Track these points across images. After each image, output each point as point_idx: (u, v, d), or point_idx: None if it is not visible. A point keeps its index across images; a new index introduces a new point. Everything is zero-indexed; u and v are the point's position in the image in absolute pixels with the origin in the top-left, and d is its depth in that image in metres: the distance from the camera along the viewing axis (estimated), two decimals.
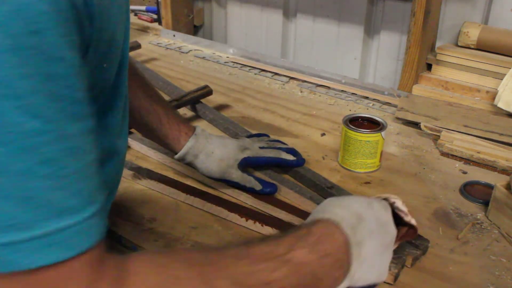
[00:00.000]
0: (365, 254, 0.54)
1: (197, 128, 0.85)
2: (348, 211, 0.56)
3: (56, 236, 0.38)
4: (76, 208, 0.40)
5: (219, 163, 0.83)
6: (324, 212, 0.56)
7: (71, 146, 0.39)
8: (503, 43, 1.15)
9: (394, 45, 1.38)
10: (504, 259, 0.73)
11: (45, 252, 0.38)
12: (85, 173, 0.41)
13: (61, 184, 0.39)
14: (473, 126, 1.04)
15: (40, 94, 0.37)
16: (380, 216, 0.58)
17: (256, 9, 1.59)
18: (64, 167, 0.39)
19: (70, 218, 0.39)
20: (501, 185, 0.79)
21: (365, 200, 0.59)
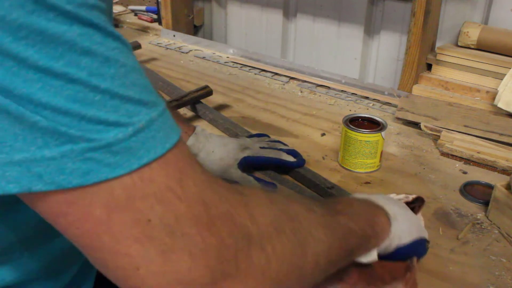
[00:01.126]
0: (393, 211, 0.61)
1: (197, 128, 0.85)
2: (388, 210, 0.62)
3: (149, 130, 0.36)
4: (153, 102, 0.37)
5: (219, 162, 0.83)
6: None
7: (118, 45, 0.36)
8: (503, 43, 1.15)
9: (394, 45, 1.38)
10: (504, 259, 0.73)
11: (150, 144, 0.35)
12: (141, 70, 0.38)
13: (128, 81, 0.36)
14: (473, 126, 1.04)
15: None
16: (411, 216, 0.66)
17: (256, 9, 1.59)
18: (123, 65, 0.36)
19: (153, 111, 0.36)
20: (501, 185, 0.79)
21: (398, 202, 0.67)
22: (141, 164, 0.35)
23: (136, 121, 0.35)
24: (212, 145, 0.83)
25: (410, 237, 0.62)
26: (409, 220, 0.63)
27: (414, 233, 0.63)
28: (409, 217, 0.64)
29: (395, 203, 0.64)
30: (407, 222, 0.62)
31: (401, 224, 0.61)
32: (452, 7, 1.26)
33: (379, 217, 0.59)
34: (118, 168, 0.34)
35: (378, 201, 0.62)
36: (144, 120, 0.36)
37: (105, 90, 0.34)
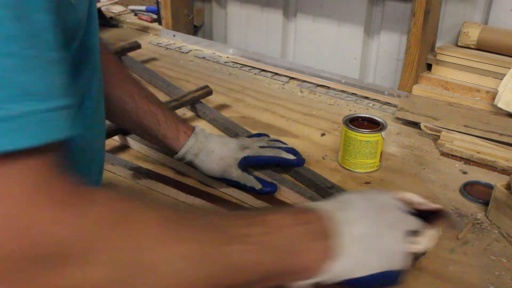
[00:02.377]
0: (354, 233, 0.51)
1: (196, 128, 0.85)
2: (336, 199, 0.55)
3: (18, 120, 0.35)
4: (43, 94, 0.37)
5: (219, 162, 0.83)
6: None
7: (33, 29, 0.37)
8: (503, 43, 1.15)
9: (394, 45, 1.38)
10: (504, 259, 0.73)
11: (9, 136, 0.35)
12: (50, 63, 0.38)
13: (25, 66, 0.36)
14: (473, 126, 1.04)
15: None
16: (373, 198, 0.55)
17: (256, 9, 1.59)
18: (28, 48, 0.36)
19: (35, 104, 0.36)
20: (501, 185, 0.79)
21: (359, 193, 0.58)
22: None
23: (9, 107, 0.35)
24: (212, 145, 0.83)
25: (365, 271, 0.51)
26: (373, 249, 0.52)
27: (375, 264, 0.51)
28: (375, 244, 0.52)
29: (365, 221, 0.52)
30: (367, 252, 0.51)
31: (354, 256, 0.50)
32: (452, 7, 1.26)
33: (309, 252, 0.49)
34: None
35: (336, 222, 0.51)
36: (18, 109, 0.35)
37: None
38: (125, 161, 0.92)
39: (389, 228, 0.53)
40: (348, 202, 0.54)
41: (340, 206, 0.53)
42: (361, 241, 0.51)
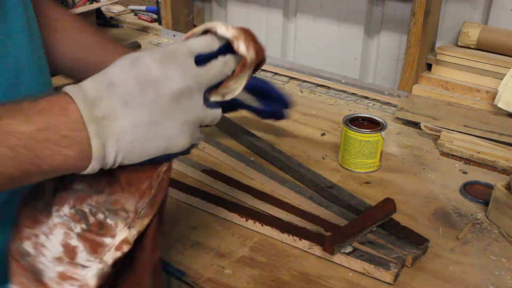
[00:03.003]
0: (119, 126, 0.44)
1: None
2: (97, 79, 0.45)
3: None
4: None
5: None
6: (68, 86, 0.45)
7: None
8: (503, 43, 1.14)
9: (394, 45, 1.38)
10: (504, 259, 0.73)
11: None
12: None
13: None
14: (473, 126, 1.04)
15: None
16: (145, 72, 0.45)
17: (256, 9, 1.59)
18: None
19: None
20: (501, 185, 0.79)
21: (131, 57, 0.46)
22: None
23: None
24: None
25: (142, 157, 0.46)
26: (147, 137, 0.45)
27: (153, 151, 0.46)
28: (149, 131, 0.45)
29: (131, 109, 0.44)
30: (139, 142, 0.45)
31: (123, 148, 0.44)
32: (452, 7, 1.26)
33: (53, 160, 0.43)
34: None
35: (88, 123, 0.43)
36: None
37: None
38: None
39: (166, 112, 0.45)
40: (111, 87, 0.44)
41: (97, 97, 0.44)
42: (127, 133, 0.44)
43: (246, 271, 0.70)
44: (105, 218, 0.49)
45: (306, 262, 0.72)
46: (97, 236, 0.48)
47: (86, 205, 0.49)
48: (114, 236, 0.48)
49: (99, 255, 0.48)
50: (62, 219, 0.49)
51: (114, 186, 0.49)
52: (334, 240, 0.71)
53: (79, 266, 0.48)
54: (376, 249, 0.72)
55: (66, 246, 0.48)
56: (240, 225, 0.79)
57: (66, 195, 0.50)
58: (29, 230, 0.49)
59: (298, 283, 0.68)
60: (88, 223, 0.49)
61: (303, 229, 0.76)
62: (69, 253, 0.48)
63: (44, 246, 0.48)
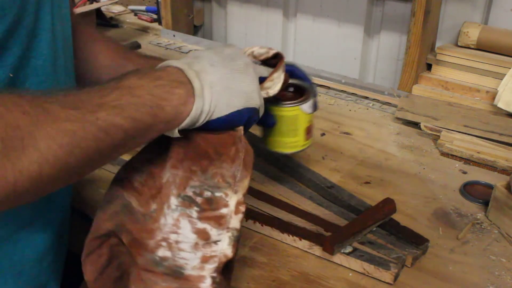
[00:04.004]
0: (209, 78, 0.55)
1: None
2: (186, 57, 0.58)
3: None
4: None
5: None
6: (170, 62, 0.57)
7: None
8: (503, 43, 1.15)
9: (394, 45, 1.38)
10: (504, 259, 0.73)
11: None
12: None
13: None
14: (473, 126, 1.04)
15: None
16: (222, 51, 0.59)
17: (256, 9, 1.59)
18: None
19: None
20: (501, 185, 0.79)
21: (215, 49, 0.60)
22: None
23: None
24: None
25: (229, 109, 0.56)
26: (231, 89, 0.56)
27: (237, 103, 0.56)
28: (232, 85, 0.56)
29: (217, 68, 0.56)
30: (226, 93, 0.55)
31: (215, 96, 0.54)
32: (452, 7, 1.26)
33: (171, 100, 0.52)
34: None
35: (188, 71, 0.54)
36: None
37: None
38: (125, 161, 0.91)
39: (240, 73, 0.58)
40: (197, 57, 0.57)
41: (190, 62, 0.56)
42: (216, 84, 0.55)
43: (246, 271, 0.70)
44: (212, 193, 0.53)
45: (306, 262, 0.72)
46: (214, 211, 0.53)
47: (188, 189, 0.53)
48: (227, 205, 0.53)
49: (225, 225, 0.53)
50: (178, 210, 0.52)
51: (205, 161, 0.54)
52: (334, 240, 0.71)
53: (213, 244, 0.52)
54: (376, 249, 0.72)
55: (197, 232, 0.52)
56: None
57: (166, 189, 0.53)
58: (153, 240, 0.52)
59: (298, 283, 0.68)
60: (198, 204, 0.53)
61: (303, 229, 0.76)
62: (203, 235, 0.52)
63: (179, 242, 0.52)
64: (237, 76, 0.57)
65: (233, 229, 0.53)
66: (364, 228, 0.74)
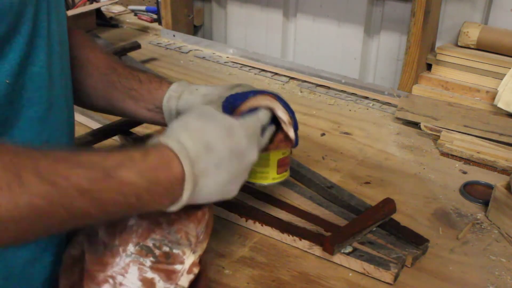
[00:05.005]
0: (204, 184, 0.53)
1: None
2: (197, 139, 0.53)
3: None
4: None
5: (202, 97, 0.73)
6: (169, 136, 0.53)
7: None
8: (503, 43, 1.15)
9: (394, 45, 1.38)
10: (504, 259, 0.73)
11: None
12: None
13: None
14: (473, 126, 1.04)
15: None
16: (238, 145, 0.55)
17: (256, 9, 1.59)
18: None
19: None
20: (501, 185, 0.79)
21: (226, 125, 0.56)
22: None
23: None
24: (197, 86, 0.76)
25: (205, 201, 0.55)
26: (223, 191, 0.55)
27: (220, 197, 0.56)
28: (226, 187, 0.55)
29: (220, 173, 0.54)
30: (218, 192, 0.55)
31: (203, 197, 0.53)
32: (452, 7, 1.26)
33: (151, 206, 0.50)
34: None
35: (188, 177, 0.51)
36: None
37: None
38: None
39: (238, 175, 0.56)
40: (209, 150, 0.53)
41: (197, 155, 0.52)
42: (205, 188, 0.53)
43: (246, 271, 0.70)
44: (170, 249, 0.54)
45: (306, 262, 0.72)
46: (168, 265, 0.53)
47: (149, 240, 0.54)
48: (183, 262, 0.54)
49: (174, 281, 0.53)
50: (131, 257, 0.53)
51: (172, 217, 0.55)
52: (334, 240, 0.71)
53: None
54: (376, 249, 0.72)
55: (144, 280, 0.53)
56: (240, 225, 0.79)
57: (127, 235, 0.54)
58: (103, 274, 0.53)
59: (298, 283, 0.68)
60: (156, 255, 0.53)
61: (303, 229, 0.76)
62: (149, 285, 0.52)
63: (123, 285, 0.52)
64: (233, 179, 0.56)
65: (181, 286, 0.53)
66: (364, 228, 0.74)
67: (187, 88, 0.75)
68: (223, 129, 0.55)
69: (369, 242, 0.73)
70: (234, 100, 0.69)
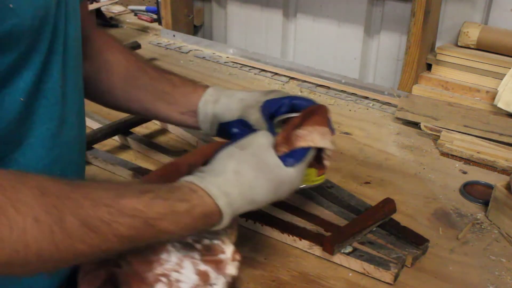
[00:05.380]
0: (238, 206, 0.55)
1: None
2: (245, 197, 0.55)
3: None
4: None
5: (239, 101, 0.75)
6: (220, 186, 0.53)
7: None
8: (503, 43, 1.15)
9: (394, 45, 1.38)
10: (504, 259, 0.73)
11: None
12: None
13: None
14: (473, 126, 1.04)
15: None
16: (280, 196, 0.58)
17: (256, 9, 1.59)
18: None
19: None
20: (501, 185, 0.79)
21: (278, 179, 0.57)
22: None
23: None
24: (233, 91, 0.77)
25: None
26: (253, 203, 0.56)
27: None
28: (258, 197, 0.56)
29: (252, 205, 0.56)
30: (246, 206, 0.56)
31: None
32: (452, 7, 1.26)
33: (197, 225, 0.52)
34: None
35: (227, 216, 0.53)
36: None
37: None
38: (125, 161, 0.92)
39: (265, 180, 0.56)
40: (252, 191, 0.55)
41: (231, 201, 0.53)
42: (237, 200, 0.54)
43: (246, 271, 0.70)
44: (210, 240, 0.55)
45: (306, 262, 0.72)
46: (213, 256, 0.54)
47: (188, 237, 0.54)
48: (224, 251, 0.55)
49: (222, 270, 0.54)
50: (182, 252, 0.54)
51: None
52: (334, 240, 0.71)
53: (208, 287, 0.54)
54: (376, 249, 0.72)
55: (199, 274, 0.53)
56: (240, 225, 0.79)
57: None
58: (151, 273, 0.52)
59: (298, 283, 0.68)
60: (198, 250, 0.54)
61: (303, 229, 0.76)
62: (204, 277, 0.54)
63: (180, 281, 0.53)
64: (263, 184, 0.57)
65: (229, 275, 0.55)
66: (364, 228, 0.74)
67: (223, 93, 0.76)
68: (273, 184, 0.57)
69: (369, 242, 0.73)
70: (271, 106, 0.72)
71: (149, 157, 0.95)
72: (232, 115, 0.75)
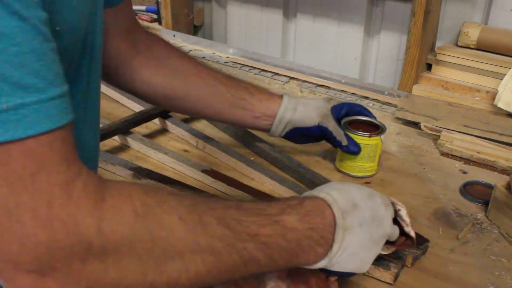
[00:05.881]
0: (350, 241, 0.55)
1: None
2: (345, 196, 0.56)
3: (15, 112, 0.37)
4: (37, 87, 0.38)
5: (316, 109, 0.87)
6: (320, 192, 0.57)
7: (22, 25, 0.37)
8: (503, 43, 1.15)
9: (394, 45, 1.38)
10: (504, 259, 0.73)
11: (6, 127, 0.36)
12: (43, 55, 0.39)
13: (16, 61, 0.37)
14: (473, 126, 1.04)
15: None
16: (377, 210, 0.58)
17: (256, 9, 1.59)
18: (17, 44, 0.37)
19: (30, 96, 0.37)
20: (501, 185, 0.79)
21: (367, 191, 0.59)
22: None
23: (2, 101, 0.36)
24: (304, 100, 0.89)
25: (345, 270, 0.57)
26: (360, 260, 0.57)
27: (354, 269, 0.58)
28: (362, 253, 0.57)
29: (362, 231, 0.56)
30: (353, 261, 0.57)
31: (341, 259, 0.55)
32: (452, 7, 1.26)
33: (309, 254, 0.54)
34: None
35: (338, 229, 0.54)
36: (11, 102, 0.36)
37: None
38: (125, 161, 0.92)
39: (375, 243, 0.58)
40: (355, 207, 0.56)
41: (346, 209, 0.55)
42: (350, 248, 0.55)
43: None
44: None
45: None
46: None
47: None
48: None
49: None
50: None
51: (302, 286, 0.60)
52: None
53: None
54: None
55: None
56: None
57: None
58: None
59: None
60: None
61: None
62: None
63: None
64: (370, 247, 0.57)
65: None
66: None
67: (299, 101, 0.87)
68: (365, 192, 0.59)
69: None
70: (336, 112, 0.89)
71: (149, 157, 0.96)
72: (312, 122, 0.87)
